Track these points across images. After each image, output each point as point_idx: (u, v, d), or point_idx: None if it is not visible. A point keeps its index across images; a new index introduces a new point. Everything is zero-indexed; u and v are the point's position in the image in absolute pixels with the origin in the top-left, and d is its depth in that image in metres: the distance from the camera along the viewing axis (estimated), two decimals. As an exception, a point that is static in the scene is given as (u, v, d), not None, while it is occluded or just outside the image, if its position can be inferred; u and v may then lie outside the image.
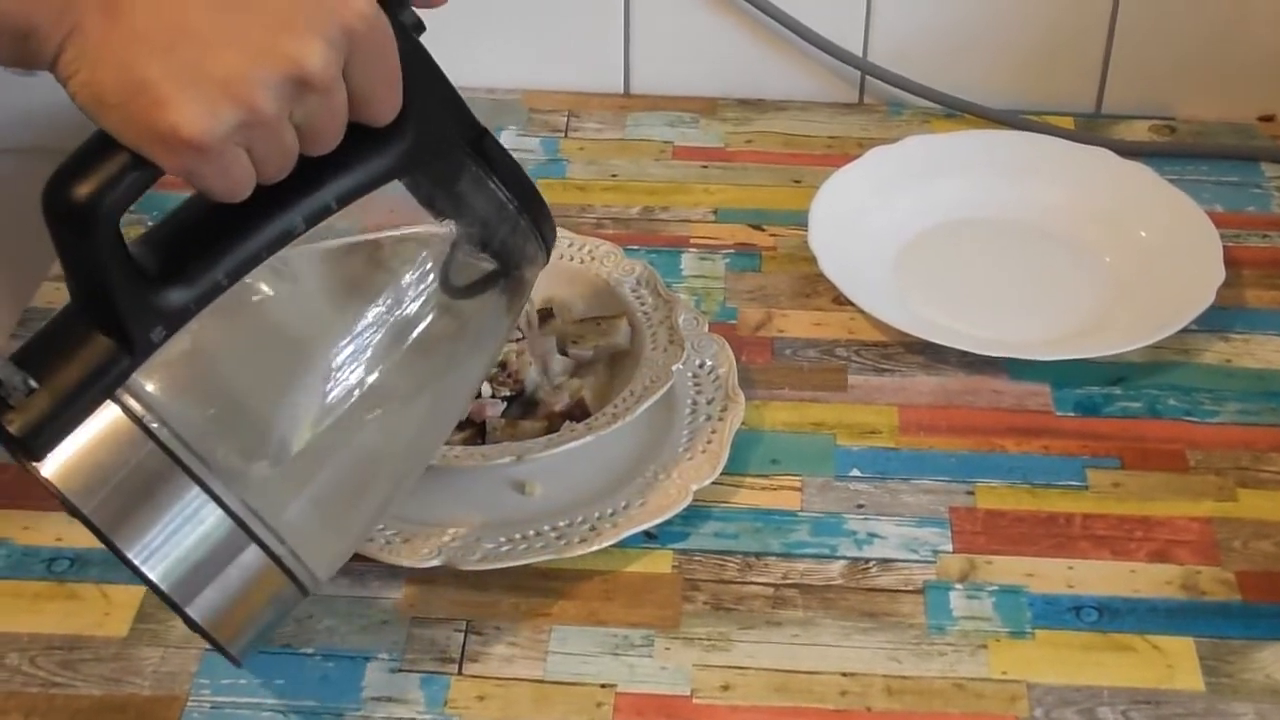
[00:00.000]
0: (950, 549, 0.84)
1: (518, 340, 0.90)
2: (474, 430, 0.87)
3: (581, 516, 0.84)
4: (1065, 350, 0.95)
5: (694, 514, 0.85)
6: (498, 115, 1.20)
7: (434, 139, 0.66)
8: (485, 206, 0.69)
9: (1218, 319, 0.97)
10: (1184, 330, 0.96)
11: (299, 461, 0.67)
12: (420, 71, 0.64)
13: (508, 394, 0.88)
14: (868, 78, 1.21)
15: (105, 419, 0.62)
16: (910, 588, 0.82)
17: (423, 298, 0.69)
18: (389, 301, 0.68)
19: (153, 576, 0.64)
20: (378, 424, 0.69)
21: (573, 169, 1.15)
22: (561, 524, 0.83)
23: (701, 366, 0.93)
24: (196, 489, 0.63)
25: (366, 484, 0.71)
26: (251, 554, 0.65)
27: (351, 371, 0.67)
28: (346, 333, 0.68)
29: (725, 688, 0.77)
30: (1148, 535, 0.84)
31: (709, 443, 0.88)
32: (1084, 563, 0.83)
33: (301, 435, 0.67)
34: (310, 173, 0.62)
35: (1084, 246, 1.05)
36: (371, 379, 0.68)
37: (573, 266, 0.97)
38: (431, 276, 0.69)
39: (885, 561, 0.83)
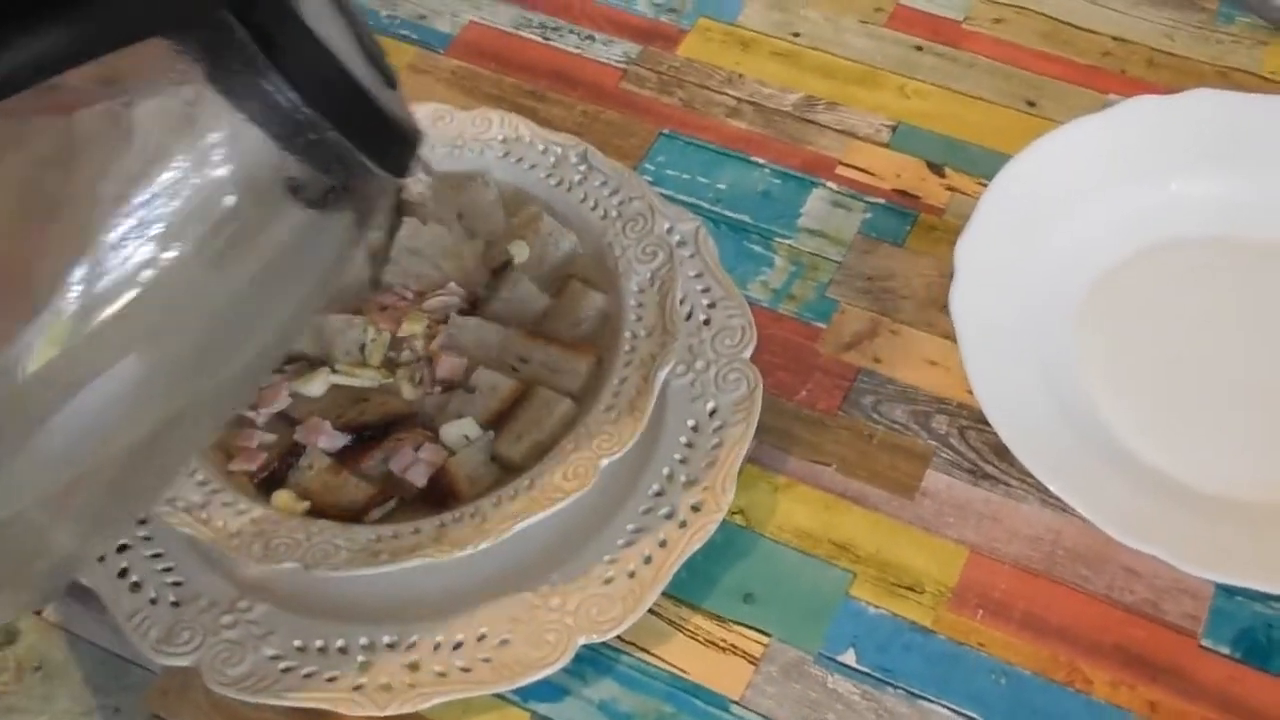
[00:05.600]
0: None
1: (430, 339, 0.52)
2: (280, 449, 0.50)
3: (414, 637, 0.47)
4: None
5: (589, 656, 0.48)
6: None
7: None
8: (260, 103, 0.33)
9: None
10: None
11: None
12: None
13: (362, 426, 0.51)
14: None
15: None
16: None
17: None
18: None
19: None
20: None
21: (749, 12, 0.70)
22: (361, 641, 0.47)
23: (713, 414, 0.52)
24: None
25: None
26: None
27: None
28: None
29: None
30: None
31: (647, 560, 0.49)
32: None
33: None
34: None
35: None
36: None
37: (581, 209, 0.55)
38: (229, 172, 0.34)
39: None
